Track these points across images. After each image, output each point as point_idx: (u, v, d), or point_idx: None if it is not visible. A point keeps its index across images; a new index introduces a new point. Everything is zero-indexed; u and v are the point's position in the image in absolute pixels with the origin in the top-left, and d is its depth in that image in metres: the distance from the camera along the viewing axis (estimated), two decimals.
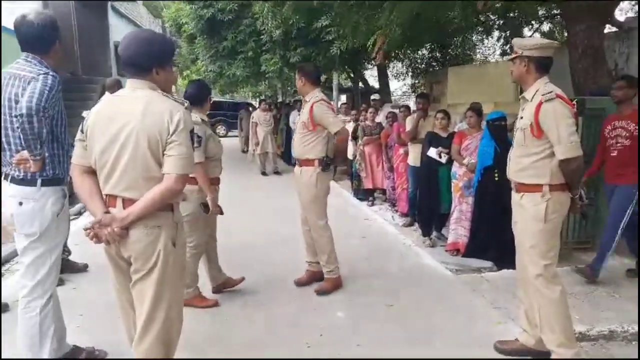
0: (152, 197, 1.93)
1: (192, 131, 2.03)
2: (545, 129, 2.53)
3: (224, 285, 3.79)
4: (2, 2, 5.61)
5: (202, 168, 3.26)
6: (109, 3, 14.04)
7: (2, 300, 3.35)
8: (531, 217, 2.62)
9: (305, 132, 3.71)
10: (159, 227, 1.99)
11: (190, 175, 2.91)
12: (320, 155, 3.70)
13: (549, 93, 2.54)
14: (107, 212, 1.98)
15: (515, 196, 2.76)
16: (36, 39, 2.43)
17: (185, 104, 2.04)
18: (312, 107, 3.64)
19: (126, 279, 2.08)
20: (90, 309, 3.39)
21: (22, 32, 2.42)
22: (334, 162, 3.83)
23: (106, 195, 2.02)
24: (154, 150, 1.94)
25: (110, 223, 1.93)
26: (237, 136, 17.17)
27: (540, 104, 2.55)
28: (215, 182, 3.47)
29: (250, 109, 15.55)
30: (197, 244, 3.45)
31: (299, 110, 9.98)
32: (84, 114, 2.11)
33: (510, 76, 2.85)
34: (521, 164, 2.67)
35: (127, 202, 1.96)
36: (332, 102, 3.80)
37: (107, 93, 5.67)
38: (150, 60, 2.02)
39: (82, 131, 2.04)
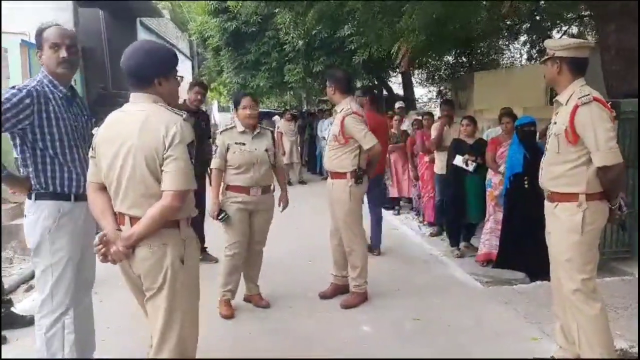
0: (152, 216, 1.89)
1: (190, 144, 1.95)
2: (582, 135, 2.39)
3: (250, 299, 3.77)
4: (3, 2, 5.75)
5: (215, 174, 3.56)
6: (138, 19, 14.40)
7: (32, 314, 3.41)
8: (566, 228, 2.47)
9: (337, 145, 3.62)
10: (164, 244, 1.94)
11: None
12: (352, 167, 3.60)
13: (585, 96, 2.39)
14: (118, 229, 1.95)
15: (548, 205, 2.62)
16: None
17: (184, 116, 1.97)
18: (343, 120, 3.55)
19: (142, 295, 2.05)
20: (116, 321, 3.40)
21: None
22: (367, 174, 3.72)
23: (117, 213, 1.99)
24: (151, 167, 1.89)
25: (115, 241, 1.91)
26: None
27: (576, 107, 2.40)
28: (237, 190, 3.51)
29: (275, 118, 15.57)
30: (231, 246, 3.54)
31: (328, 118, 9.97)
32: (94, 130, 2.08)
33: (539, 80, 2.74)
34: (555, 171, 2.53)
35: (135, 220, 1.93)
36: (363, 114, 3.69)
37: None
38: (152, 70, 1.97)
39: (92, 148, 2.03)
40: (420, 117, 7.12)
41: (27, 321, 3.35)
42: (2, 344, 3.11)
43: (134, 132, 1.89)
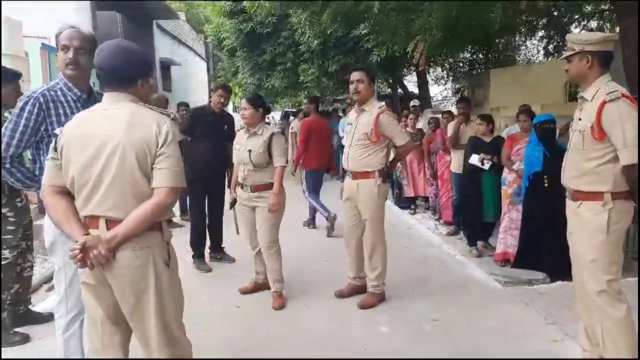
0: (142, 214, 1.81)
1: (180, 143, 1.92)
2: (608, 132, 2.32)
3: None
4: (24, 6, 5.82)
5: (234, 167, 3.91)
6: (154, 21, 14.56)
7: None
8: (591, 228, 2.41)
9: (367, 143, 3.56)
10: (148, 247, 1.86)
11: None
12: (380, 166, 3.57)
13: (613, 92, 2.32)
14: (87, 233, 1.83)
15: (571, 205, 2.56)
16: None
17: (172, 115, 1.97)
18: (377, 117, 3.52)
19: (110, 303, 1.95)
20: None
21: None
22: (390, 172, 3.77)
23: (85, 217, 1.88)
24: (142, 165, 1.83)
25: (95, 245, 1.77)
26: None
27: (603, 103, 2.33)
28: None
29: (291, 118, 15.59)
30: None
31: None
32: (57, 131, 1.97)
33: (557, 77, 2.69)
34: (579, 169, 2.46)
35: (112, 223, 1.83)
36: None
37: None
38: (136, 70, 1.94)
39: (55, 150, 1.91)
40: (437, 116, 7.06)
41: (46, 318, 3.40)
42: (24, 343, 3.16)
43: (120, 129, 1.83)
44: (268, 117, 7.63)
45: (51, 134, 2.34)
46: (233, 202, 3.97)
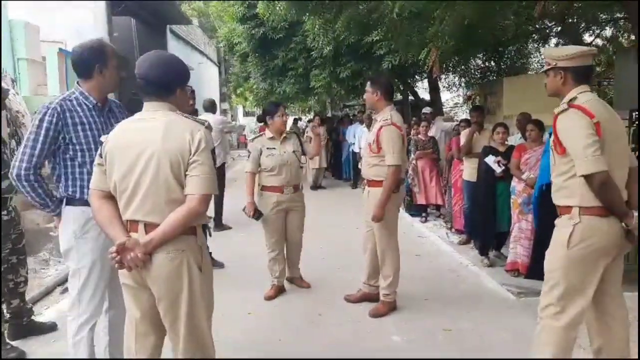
0: (176, 220, 1.88)
1: (212, 151, 1.98)
2: (564, 143, 2.27)
3: (292, 281, 4.30)
4: (42, 11, 5.89)
5: (249, 177, 3.98)
6: (168, 26, 14.71)
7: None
8: (556, 241, 2.37)
9: (372, 153, 3.59)
10: (183, 250, 1.93)
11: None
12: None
13: (563, 103, 2.30)
14: (129, 237, 1.92)
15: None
16: (76, 63, 2.46)
17: (206, 124, 2.01)
18: (380, 129, 3.51)
19: (144, 307, 2.03)
20: None
21: (71, 58, 2.52)
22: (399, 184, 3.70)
23: (127, 220, 1.97)
24: (176, 172, 1.90)
25: (133, 247, 1.86)
26: None
27: (556, 117, 2.29)
28: (271, 189, 4.00)
29: (300, 123, 15.62)
30: (271, 245, 4.03)
31: (361, 123, 9.95)
32: (102, 138, 2.06)
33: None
34: (554, 184, 2.41)
35: (150, 227, 1.91)
36: (402, 126, 3.58)
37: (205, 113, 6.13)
38: (176, 81, 2.02)
39: (100, 156, 2.01)
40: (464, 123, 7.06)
41: (48, 328, 3.41)
42: (21, 358, 3.10)
43: (157, 138, 1.90)
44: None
45: (67, 142, 2.39)
46: (257, 214, 3.91)
